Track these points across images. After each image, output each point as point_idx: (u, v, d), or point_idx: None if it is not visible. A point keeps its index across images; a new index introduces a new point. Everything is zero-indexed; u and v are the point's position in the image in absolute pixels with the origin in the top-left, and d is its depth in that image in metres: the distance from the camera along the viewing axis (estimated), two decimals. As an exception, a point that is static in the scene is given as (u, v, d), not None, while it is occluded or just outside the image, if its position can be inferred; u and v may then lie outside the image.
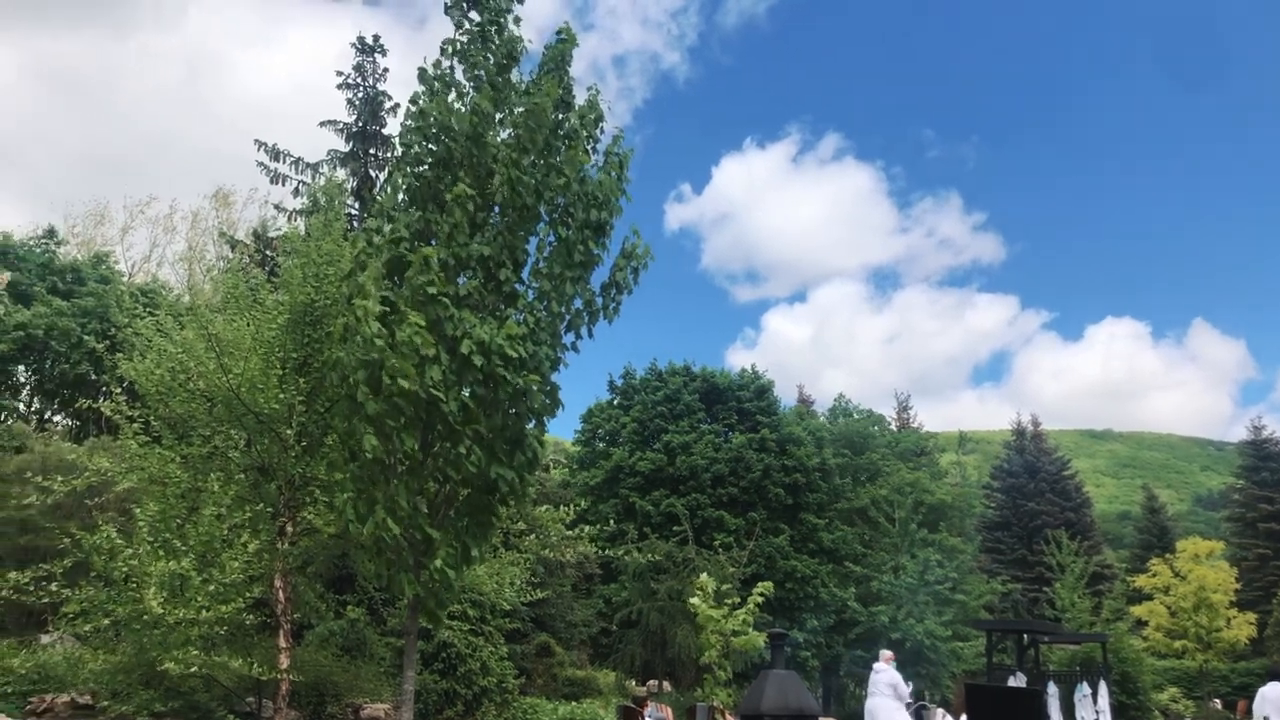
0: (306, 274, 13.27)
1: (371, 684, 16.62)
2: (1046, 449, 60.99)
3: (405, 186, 10.94)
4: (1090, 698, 21.98)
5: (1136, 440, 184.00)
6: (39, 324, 25.42)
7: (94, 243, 41.53)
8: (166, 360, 13.39)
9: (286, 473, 13.24)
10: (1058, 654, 31.79)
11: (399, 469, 10.12)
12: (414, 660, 10.77)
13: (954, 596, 34.38)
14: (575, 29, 11.72)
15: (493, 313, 10.61)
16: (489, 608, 18.69)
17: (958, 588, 34.94)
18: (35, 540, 17.96)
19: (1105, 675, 22.87)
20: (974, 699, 11.50)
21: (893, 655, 18.86)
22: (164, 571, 10.93)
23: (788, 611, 35.93)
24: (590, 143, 11.43)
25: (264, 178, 27.51)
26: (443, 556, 10.06)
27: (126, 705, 11.76)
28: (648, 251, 11.51)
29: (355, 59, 28.77)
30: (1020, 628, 24.71)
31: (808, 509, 38.27)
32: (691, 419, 40.03)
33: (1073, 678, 23.71)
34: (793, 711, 12.72)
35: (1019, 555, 53.99)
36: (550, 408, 10.91)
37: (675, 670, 26.22)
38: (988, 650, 22.70)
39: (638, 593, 27.51)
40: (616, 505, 38.03)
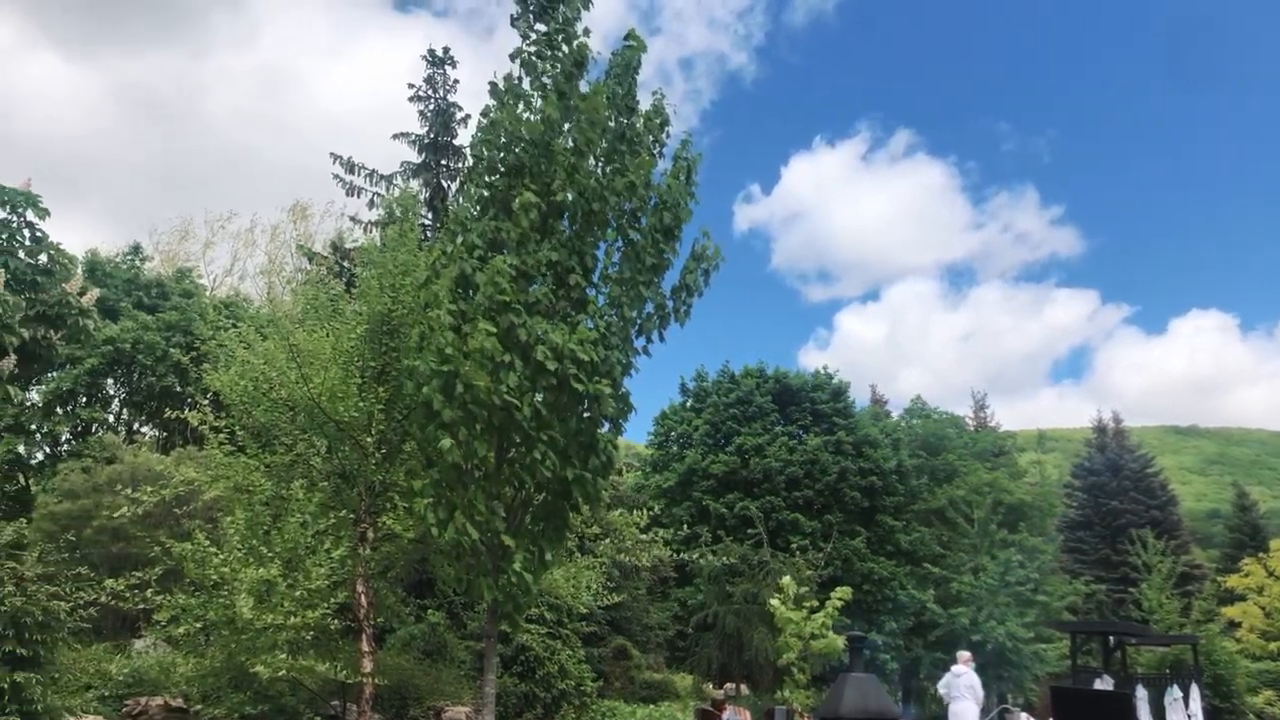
0: (383, 284, 13.51)
1: (452, 687, 16.84)
2: (1129, 446, 59.49)
3: (477, 196, 11.09)
4: (1181, 701, 21.38)
5: (1225, 436, 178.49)
6: (126, 338, 26.23)
7: (178, 258, 42.74)
8: (249, 371, 13.73)
9: (367, 479, 13.48)
10: (1145, 656, 30.96)
11: (476, 474, 10.26)
12: (494, 663, 10.90)
13: (1036, 598, 33.67)
14: (642, 34, 11.78)
15: (564, 318, 10.70)
16: (566, 611, 18.81)
17: (1039, 589, 34.21)
18: (127, 548, 18.52)
19: (1197, 678, 22.24)
20: (1061, 702, 11.29)
21: (971, 656, 18.57)
22: (253, 578, 11.21)
23: (865, 614, 35.56)
24: (656, 147, 11.47)
25: (340, 190, 28.09)
26: (520, 561, 10.17)
27: (217, 708, 12.08)
28: (718, 253, 11.51)
29: (426, 71, 29.21)
30: (1106, 629, 24.18)
31: (885, 511, 37.83)
32: (765, 421, 39.82)
33: (1162, 681, 23.08)
34: (872, 715, 12.62)
35: (1102, 555, 52.72)
36: (622, 411, 10.97)
37: (752, 673, 26.07)
38: (1072, 652, 22.24)
39: (713, 596, 27.44)
40: (690, 508, 38.00)
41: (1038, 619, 32.93)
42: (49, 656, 9.07)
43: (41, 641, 8.78)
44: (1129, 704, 12.18)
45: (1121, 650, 22.90)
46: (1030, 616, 32.65)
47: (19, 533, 13.83)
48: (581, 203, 10.78)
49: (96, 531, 18.44)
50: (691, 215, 11.37)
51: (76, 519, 18.62)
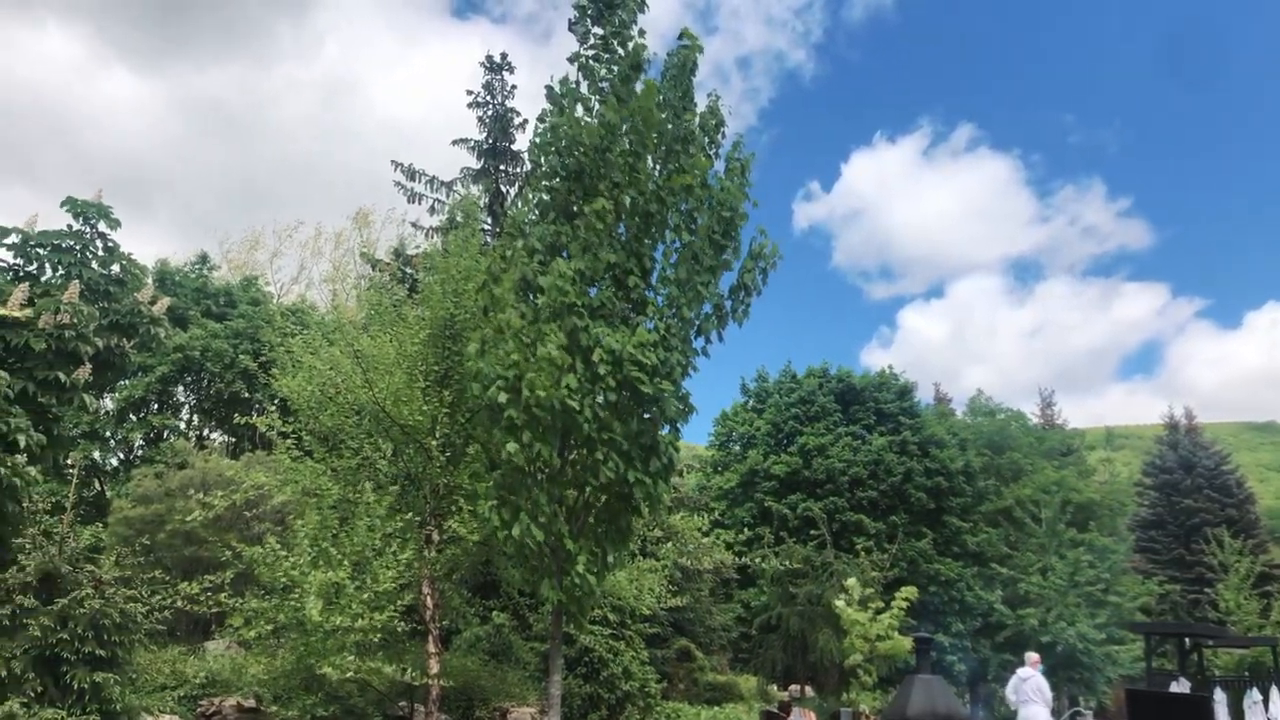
0: (446, 289, 13.65)
1: (517, 688, 16.94)
2: (1202, 443, 58.02)
3: (536, 201, 11.16)
4: (1261, 704, 20.80)
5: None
6: (195, 346, 26.81)
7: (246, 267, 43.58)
8: (316, 377, 13.95)
9: (432, 482, 13.62)
10: (1223, 658, 30.20)
11: (539, 477, 10.31)
12: (559, 664, 10.94)
13: (1107, 598, 32.98)
14: (698, 33, 11.77)
15: (623, 320, 10.72)
16: (629, 613, 18.83)
17: (1111, 589, 33.50)
18: (199, 552, 18.91)
19: (1277, 681, 21.62)
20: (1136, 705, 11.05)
21: (1038, 659, 18.26)
22: (321, 581, 11.37)
23: (932, 616, 35.12)
24: (712, 148, 11.44)
25: (401, 197, 28.44)
26: (583, 562, 10.19)
27: (289, 709, 12.27)
28: (776, 251, 11.45)
29: (484, 77, 29.47)
30: (1182, 630, 23.62)
31: (951, 512, 37.35)
32: (827, 421, 39.54)
33: (1241, 683, 22.49)
34: (940, 716, 12.48)
35: (1176, 555, 51.48)
36: (683, 413, 10.96)
37: (817, 675, 25.91)
38: (1146, 654, 21.76)
39: (776, 597, 27.31)
40: (752, 509, 37.87)
41: (1109, 620, 32.25)
42: (126, 657, 9.29)
43: (119, 643, 8.99)
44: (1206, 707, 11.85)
45: (1198, 652, 22.37)
46: (1101, 618, 32.00)
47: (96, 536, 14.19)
48: (639, 205, 10.79)
49: (169, 535, 18.85)
50: (748, 217, 11.32)
51: (150, 523, 19.06)
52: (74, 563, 9.11)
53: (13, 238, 12.05)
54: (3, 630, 8.39)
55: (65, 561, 9.00)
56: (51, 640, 8.43)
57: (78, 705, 8.50)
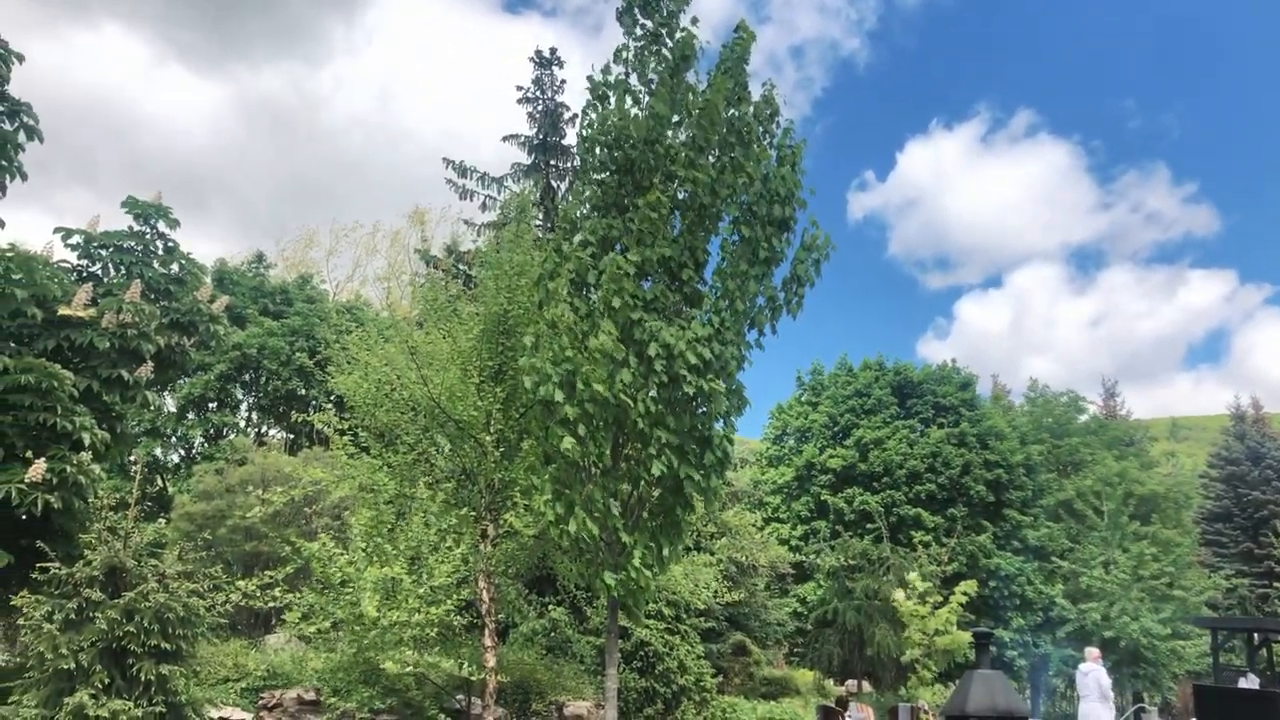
0: (499, 285, 13.67)
1: (573, 682, 16.96)
2: (1270, 433, 56.60)
3: (588, 195, 11.12)
4: (1335, 702, 20.23)
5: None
6: (252, 343, 27.22)
7: (302, 265, 44.22)
8: (371, 373, 14.06)
9: (487, 477, 13.66)
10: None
11: (594, 471, 10.30)
12: (615, 658, 10.93)
13: (1172, 592, 32.30)
14: (751, 23, 11.64)
15: (677, 314, 10.66)
16: (684, 607, 18.79)
17: (1176, 583, 32.81)
18: (259, 546, 19.20)
19: (1351, 677, 21.01)
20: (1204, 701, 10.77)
21: (1099, 654, 17.93)
22: (377, 576, 11.46)
23: (992, 610, 34.69)
24: (767, 138, 11.32)
25: (453, 194, 28.56)
26: (638, 556, 10.16)
27: (348, 702, 12.38)
28: (828, 242, 11.31)
29: (533, 73, 29.50)
30: (1251, 626, 23.03)
31: (1011, 505, 36.84)
32: (884, 414, 39.20)
33: (1313, 680, 21.90)
34: (1001, 712, 12.29)
35: (1244, 548, 50.27)
36: (737, 407, 10.89)
37: (875, 670, 25.66)
38: (1213, 650, 21.19)
39: (833, 592, 27.10)
40: (808, 503, 37.69)
41: (1175, 615, 31.57)
42: (190, 650, 9.41)
43: (183, 636, 9.09)
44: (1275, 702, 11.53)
45: (1268, 648, 21.77)
46: (1166, 612, 31.33)
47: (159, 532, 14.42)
48: (696, 198, 10.72)
49: (230, 530, 19.16)
50: (806, 204, 11.20)
51: (211, 519, 19.39)
52: (138, 558, 9.23)
53: (76, 239, 12.27)
54: (71, 624, 8.53)
55: (130, 556, 9.12)
56: (118, 633, 8.55)
57: (144, 697, 8.63)
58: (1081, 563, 33.78)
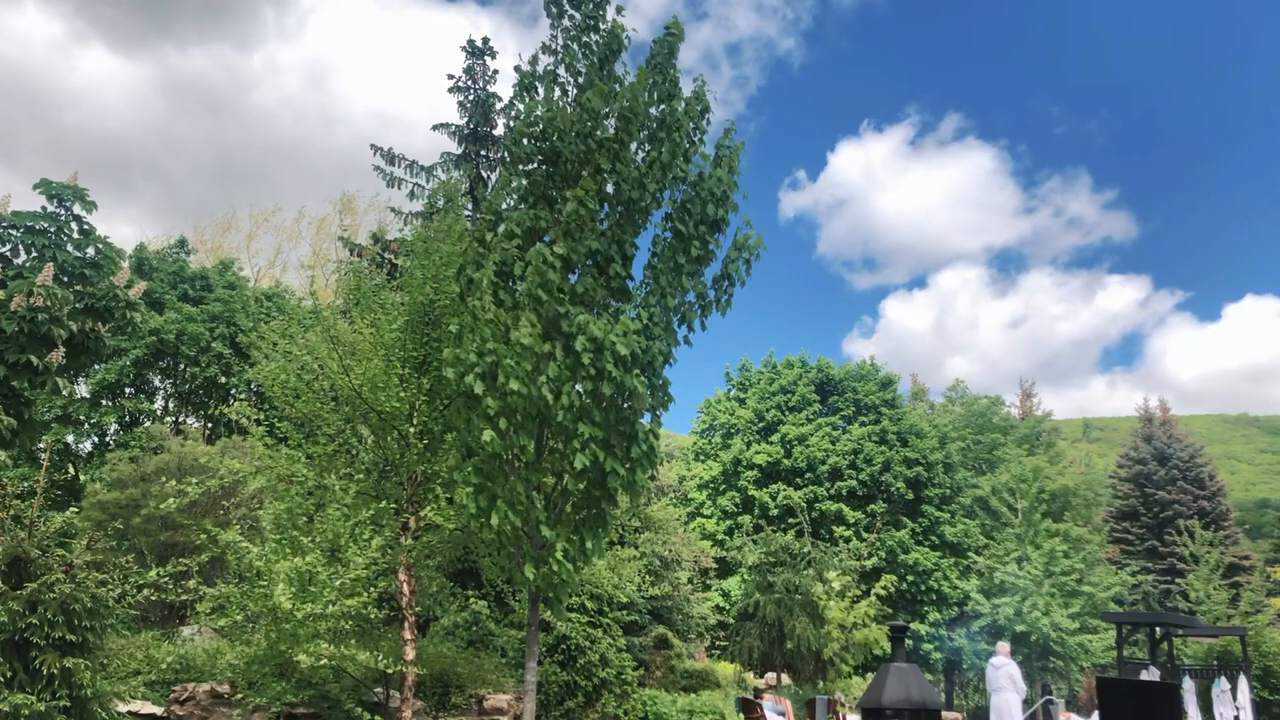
0: (425, 275, 13.53)
1: (494, 675, 16.90)
2: (1177, 435, 58.52)
3: (516, 186, 11.08)
4: (1229, 693, 21.08)
5: (1275, 425, 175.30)
6: (170, 330, 26.57)
7: (221, 250, 43.33)
8: (292, 363, 13.82)
9: (410, 469, 13.53)
10: (1193, 648, 30.52)
11: (517, 465, 10.27)
12: (536, 651, 10.92)
13: (1081, 588, 33.26)
14: (687, 19, 11.77)
15: (604, 308, 10.67)
16: (607, 600, 18.83)
17: (1085, 579, 33.81)
18: (175, 537, 18.80)
19: (1245, 670, 21.89)
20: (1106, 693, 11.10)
21: (1010, 648, 18.42)
22: (291, 568, 11.29)
23: (909, 605, 35.40)
24: (697, 134, 11.38)
25: (381, 181, 28.19)
26: (561, 550, 10.17)
27: (262, 696, 12.19)
28: (760, 242, 11.41)
29: (465, 62, 29.24)
30: (1153, 620, 23.85)
31: (929, 502, 37.60)
32: (808, 411, 39.72)
33: (1210, 672, 22.77)
34: (915, 705, 12.49)
35: (1149, 546, 51.95)
36: (662, 402, 10.93)
37: (794, 663, 25.99)
38: (1118, 643, 21.96)
39: (755, 585, 27.39)
40: (734, 498, 38.03)
41: (1083, 609, 32.54)
42: (98, 643, 9.18)
43: (90, 628, 8.88)
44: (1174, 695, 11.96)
45: (1168, 642, 22.59)
46: (1076, 607, 32.26)
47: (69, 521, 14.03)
48: (623, 191, 10.74)
49: (145, 520, 18.73)
50: (738, 207, 11.28)
51: (125, 508, 18.93)
52: (44, 547, 8.99)
53: (-16, 219, 11.90)
54: (-29, 616, 8.28)
55: (35, 546, 8.88)
56: (20, 625, 8.33)
57: (47, 691, 8.41)
58: (996, 558, 34.61)
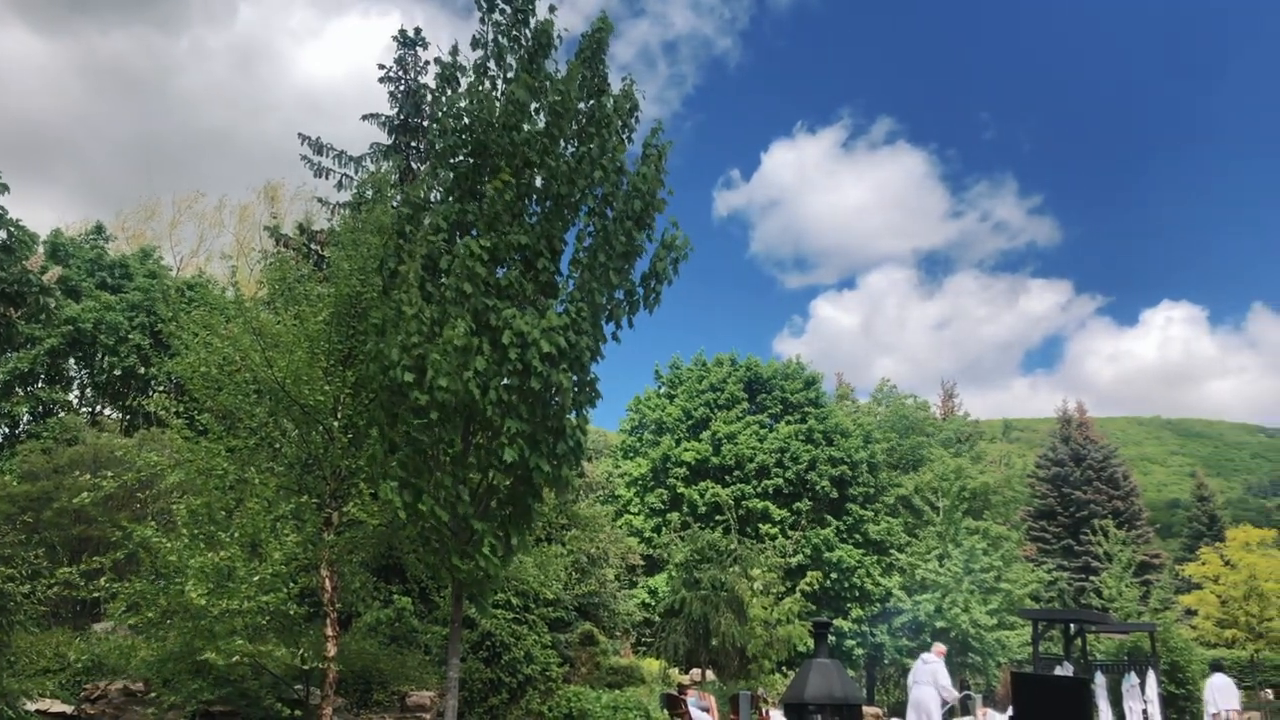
0: (352, 267, 13.36)
1: (418, 672, 16.78)
2: (1093, 437, 60.19)
3: (443, 179, 11.00)
4: (1138, 687, 21.71)
5: (1186, 427, 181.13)
6: (87, 318, 25.88)
7: (142, 237, 42.29)
8: (213, 354, 13.55)
9: (333, 464, 13.37)
10: (1105, 643, 31.40)
11: (443, 459, 10.20)
12: (459, 648, 10.86)
13: (999, 585, 34.09)
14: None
15: (532, 303, 10.65)
16: (532, 597, 18.79)
17: (1003, 576, 34.64)
18: (88, 531, 18.31)
19: (1154, 665, 22.57)
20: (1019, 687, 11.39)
21: (944, 650, 18.76)
22: (205, 564, 11.07)
23: (833, 601, 35.89)
24: (626, 131, 11.40)
25: (308, 171, 27.74)
26: (486, 545, 10.13)
27: (176, 694, 11.96)
28: (687, 242, 11.46)
29: (397, 52, 28.89)
30: (1067, 617, 24.46)
31: (854, 500, 38.14)
32: (737, 409, 40.04)
33: (1120, 667, 23.43)
34: (836, 700, 12.65)
35: (1065, 544, 53.39)
36: (590, 398, 10.94)
37: (719, 659, 26.19)
38: (1034, 639, 22.48)
39: (682, 582, 27.54)
40: (663, 495, 38.18)
41: (1001, 606, 33.33)
42: (5, 639, 8.93)
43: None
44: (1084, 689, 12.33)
45: (1082, 638, 23.20)
46: (994, 604, 33.04)
47: (-25, 515, 13.58)
48: (551, 186, 10.73)
49: (57, 514, 18.21)
50: (665, 205, 11.31)
51: (36, 501, 18.37)
52: (-51, 542, 8.71)
53: (-111, 200, 11.48)
54: None
55: (-60, 540, 8.61)
56: (-76, 622, 8.09)
57: (-49, 689, 8.17)
58: (918, 556, 35.28)
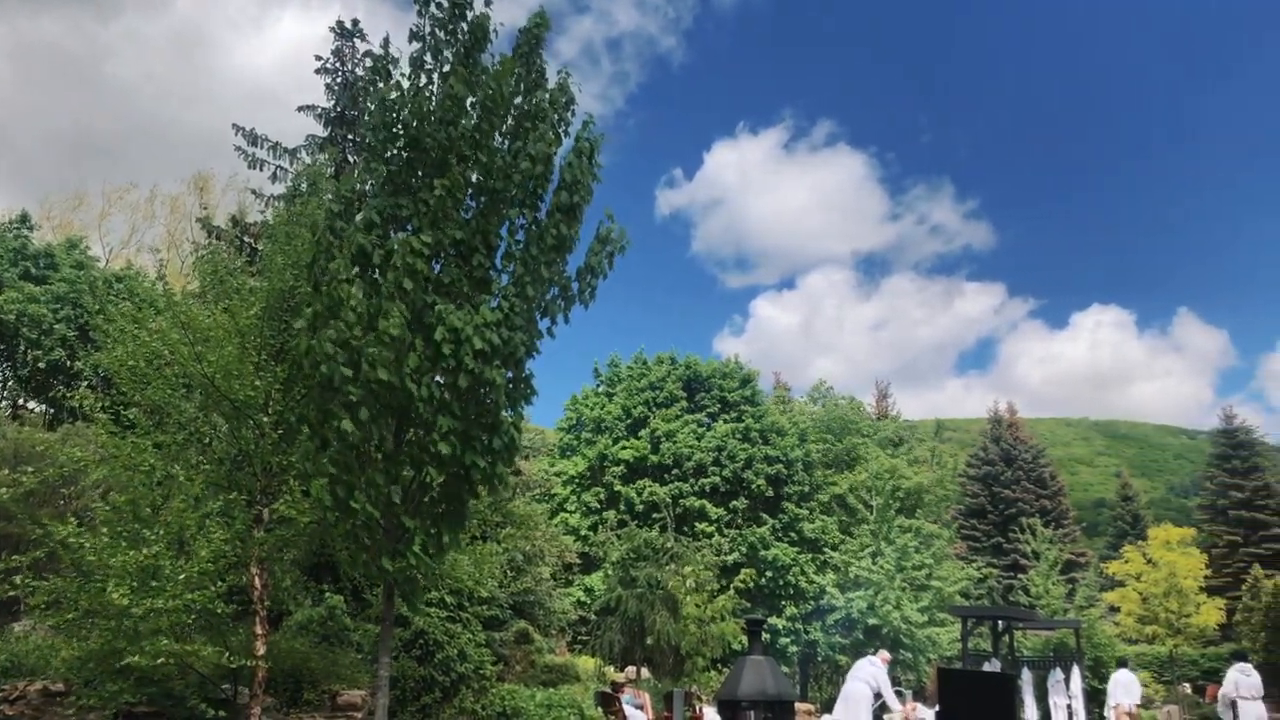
0: (286, 261, 13.18)
1: (349, 670, 16.61)
2: (1023, 437, 61.45)
3: (377, 172, 10.88)
4: (1064, 683, 22.24)
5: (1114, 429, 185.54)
6: (10, 309, 25.20)
7: (70, 227, 41.26)
8: (142, 348, 13.26)
9: (264, 460, 13.17)
10: (1032, 640, 32.13)
11: (375, 456, 10.11)
12: (389, 647, 10.77)
13: (930, 583, 34.64)
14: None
15: (467, 299, 10.59)
16: (467, 595, 18.69)
17: (934, 574, 35.21)
18: (8, 528, 17.82)
19: (1078, 660, 23.12)
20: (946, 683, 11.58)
21: (889, 657, 19.00)
22: (129, 562, 10.83)
23: (768, 599, 36.18)
24: (561, 126, 11.38)
25: (242, 162, 27.29)
26: (418, 543, 10.05)
27: (97, 695, 11.70)
28: (623, 235, 11.47)
29: (334, 43, 28.58)
30: (995, 614, 24.94)
31: (789, 499, 38.47)
32: (676, 407, 40.19)
33: (1046, 663, 23.97)
34: (770, 697, 12.76)
35: (995, 542, 54.45)
36: (524, 395, 10.92)
37: (654, 657, 26.29)
38: (963, 636, 22.90)
39: (617, 580, 27.59)
40: (600, 493, 38.19)
41: (932, 604, 33.87)
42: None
43: (-91, 624, 8.38)
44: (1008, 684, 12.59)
45: (1009, 634, 23.67)
46: (925, 601, 33.57)
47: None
48: (486, 181, 10.68)
49: (-26, 510, 17.71)
50: (592, 195, 11.29)
51: (-48, 496, 17.84)
52: None
53: None
54: None
55: None
56: None
57: None
58: (851, 554, 35.71)
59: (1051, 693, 22.18)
